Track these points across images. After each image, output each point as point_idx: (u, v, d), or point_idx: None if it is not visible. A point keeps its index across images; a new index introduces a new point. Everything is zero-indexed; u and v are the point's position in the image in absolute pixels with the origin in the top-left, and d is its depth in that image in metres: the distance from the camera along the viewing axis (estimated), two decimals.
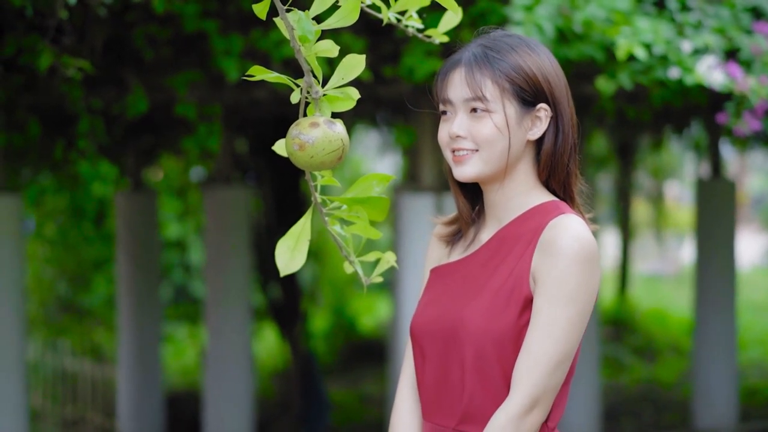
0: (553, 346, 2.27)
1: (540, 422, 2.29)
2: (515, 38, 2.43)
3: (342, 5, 2.03)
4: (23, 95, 5.57)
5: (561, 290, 2.27)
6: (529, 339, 2.28)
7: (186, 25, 5.09)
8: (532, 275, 2.32)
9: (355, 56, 2.04)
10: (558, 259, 2.28)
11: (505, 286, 2.34)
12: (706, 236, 8.89)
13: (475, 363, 2.33)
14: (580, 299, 2.28)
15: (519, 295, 2.32)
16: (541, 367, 2.26)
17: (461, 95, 2.38)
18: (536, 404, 2.27)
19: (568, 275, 2.27)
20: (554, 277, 2.27)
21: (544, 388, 2.27)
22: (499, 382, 2.33)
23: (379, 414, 9.56)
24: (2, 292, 6.11)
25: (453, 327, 2.36)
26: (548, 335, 2.26)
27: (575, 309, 2.28)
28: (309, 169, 2.04)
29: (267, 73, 2.02)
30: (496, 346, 2.31)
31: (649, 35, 4.65)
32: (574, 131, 2.43)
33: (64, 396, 10.09)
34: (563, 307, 2.27)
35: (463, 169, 2.39)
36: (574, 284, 2.27)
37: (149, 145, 8.93)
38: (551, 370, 2.27)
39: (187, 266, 12.06)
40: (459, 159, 2.39)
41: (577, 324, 2.28)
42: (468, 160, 2.38)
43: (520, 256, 2.35)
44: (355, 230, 2.21)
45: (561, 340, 2.27)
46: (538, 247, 2.32)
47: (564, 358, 2.28)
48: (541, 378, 2.26)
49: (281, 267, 2.14)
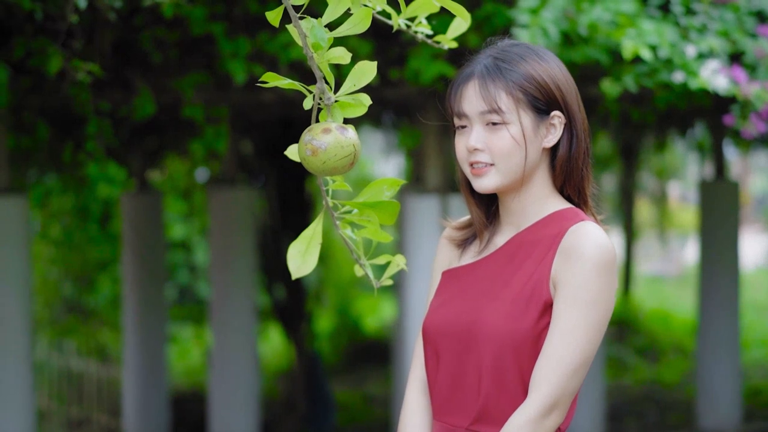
0: (574, 350, 2.31)
1: (557, 425, 2.32)
2: (523, 47, 2.46)
3: (354, 13, 2.06)
4: (31, 97, 5.60)
5: (583, 296, 2.32)
6: (549, 343, 2.32)
7: (193, 28, 5.12)
8: (552, 280, 2.36)
9: (367, 63, 2.07)
10: (580, 265, 2.32)
11: (524, 290, 2.38)
12: (709, 237, 8.91)
13: (493, 364, 2.36)
14: (600, 305, 2.33)
15: (539, 299, 2.36)
16: (561, 370, 2.30)
17: (477, 108, 2.40)
18: (555, 407, 2.31)
19: (589, 281, 2.32)
20: (576, 283, 2.32)
21: (563, 392, 2.31)
22: (516, 383, 2.36)
23: (384, 414, 9.59)
24: (9, 293, 6.13)
25: (470, 328, 2.39)
26: (569, 340, 2.31)
27: (596, 314, 2.32)
28: (321, 174, 2.07)
29: (280, 79, 2.05)
30: (514, 348, 2.35)
31: (654, 38, 4.67)
32: (586, 135, 2.47)
33: (69, 396, 10.12)
34: (585, 312, 2.31)
35: (482, 181, 2.42)
36: (596, 290, 2.32)
37: (154, 147, 8.96)
38: (571, 374, 2.31)
39: (192, 267, 12.09)
40: (478, 172, 2.42)
41: (597, 329, 2.33)
42: (487, 172, 2.41)
43: (540, 261, 2.39)
44: (366, 234, 2.24)
45: (582, 345, 2.32)
46: (558, 252, 2.36)
47: (584, 363, 2.32)
48: (561, 382, 2.30)
49: (293, 270, 2.16)
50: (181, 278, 11.97)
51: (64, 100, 5.72)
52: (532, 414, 2.30)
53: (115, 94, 5.76)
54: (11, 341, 6.14)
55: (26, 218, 6.23)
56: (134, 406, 8.74)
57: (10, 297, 6.12)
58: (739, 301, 8.87)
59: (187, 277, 12.02)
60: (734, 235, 8.91)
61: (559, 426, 2.38)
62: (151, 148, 8.86)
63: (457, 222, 2.64)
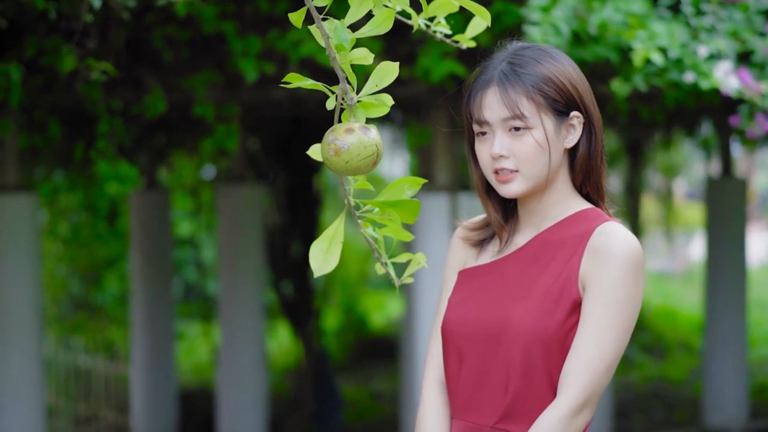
0: (605, 350, 2.33)
1: (587, 423, 2.35)
2: (535, 50, 2.47)
3: (376, 14, 2.08)
4: (43, 96, 5.62)
5: (613, 295, 2.34)
6: (580, 343, 2.34)
7: (204, 27, 5.14)
8: (581, 280, 2.38)
9: (389, 63, 2.09)
10: (610, 265, 2.35)
11: (552, 289, 2.39)
12: (716, 234, 8.93)
13: (522, 362, 2.38)
14: (630, 304, 2.35)
15: (567, 298, 2.37)
16: (592, 369, 2.32)
17: (499, 115, 2.41)
18: (585, 406, 2.33)
19: (620, 280, 2.34)
20: (607, 283, 2.34)
21: (594, 391, 2.33)
22: (543, 381, 2.38)
23: (391, 411, 9.61)
24: (20, 290, 6.16)
25: (498, 326, 2.41)
26: (600, 339, 2.33)
27: (626, 313, 2.35)
28: (344, 173, 2.09)
29: (303, 80, 2.07)
30: (543, 345, 2.36)
31: (664, 39, 4.68)
32: (601, 131, 2.49)
33: (77, 393, 10.14)
34: (615, 311, 2.34)
35: (508, 187, 2.43)
36: (626, 289, 2.35)
37: (162, 145, 8.98)
38: (602, 373, 2.33)
39: (199, 264, 12.11)
40: (503, 179, 2.43)
41: (626, 328, 2.36)
42: (513, 179, 2.42)
43: (567, 260, 2.41)
44: (388, 232, 2.26)
45: (613, 344, 2.34)
46: (586, 252, 2.39)
47: (614, 361, 2.35)
48: (591, 381, 2.32)
49: (315, 268, 2.18)
50: (188, 275, 11.99)
51: (76, 99, 5.74)
52: (563, 412, 2.32)
53: (126, 92, 5.78)
54: (21, 338, 6.17)
55: (36, 216, 6.26)
56: (142, 402, 8.76)
57: (21, 294, 6.15)
58: (745, 299, 8.88)
59: (193, 274, 12.04)
60: (741, 232, 8.92)
61: None
62: (159, 146, 8.89)
63: (471, 222, 2.64)
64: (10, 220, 6.10)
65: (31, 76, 5.15)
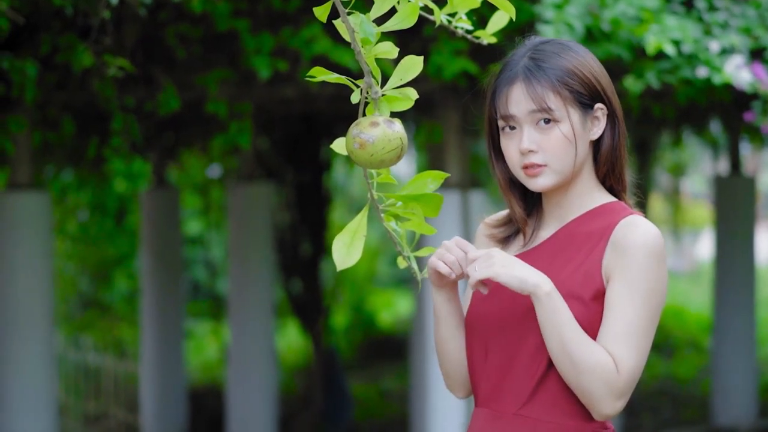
0: (638, 343, 2.36)
1: (618, 411, 2.37)
2: (555, 44, 2.49)
3: (400, 8, 2.09)
4: (56, 93, 5.63)
5: (640, 287, 2.36)
6: (612, 339, 2.35)
7: (218, 25, 5.15)
8: (605, 271, 2.39)
9: (414, 57, 2.11)
10: (635, 257, 2.36)
11: (575, 278, 2.41)
12: (725, 233, 8.93)
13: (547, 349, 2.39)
14: (657, 293, 2.37)
15: (591, 287, 2.39)
16: (631, 363, 2.34)
17: (526, 109, 2.42)
18: (624, 395, 2.36)
19: (646, 272, 2.36)
20: (632, 275, 2.36)
21: (632, 382, 2.35)
22: None
23: (400, 409, 9.62)
24: (32, 288, 6.16)
25: (523, 317, 2.41)
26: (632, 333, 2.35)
27: (654, 303, 2.37)
28: (369, 167, 2.10)
29: (328, 74, 2.08)
30: None
31: (677, 33, 4.69)
32: (623, 123, 2.51)
33: (86, 391, 10.16)
34: (643, 302, 2.36)
35: (537, 182, 2.44)
36: (652, 279, 2.37)
37: (171, 143, 9.00)
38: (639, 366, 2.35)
39: (208, 263, 12.14)
40: (532, 173, 2.44)
41: (656, 318, 2.38)
42: (541, 173, 2.43)
43: (590, 251, 2.42)
44: (410, 226, 2.27)
45: (644, 337, 2.37)
46: (610, 245, 2.40)
47: (646, 353, 2.37)
48: (631, 372, 2.35)
49: (338, 262, 2.19)
50: (197, 274, 12.01)
51: (88, 97, 5.76)
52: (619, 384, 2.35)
53: (138, 90, 5.80)
54: (34, 336, 6.17)
55: (49, 214, 6.27)
56: (152, 400, 8.78)
57: (34, 292, 6.16)
58: (754, 297, 8.88)
59: (202, 272, 12.07)
60: (750, 230, 8.92)
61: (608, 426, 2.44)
62: (168, 144, 8.90)
63: (494, 219, 2.65)
64: (23, 218, 6.10)
65: (44, 74, 5.16)
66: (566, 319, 2.34)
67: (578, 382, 2.35)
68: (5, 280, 6.11)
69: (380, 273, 14.38)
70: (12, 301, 6.11)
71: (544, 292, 2.34)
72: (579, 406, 2.40)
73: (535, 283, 2.34)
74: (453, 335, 2.55)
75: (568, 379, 2.36)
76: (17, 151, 5.96)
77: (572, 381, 2.35)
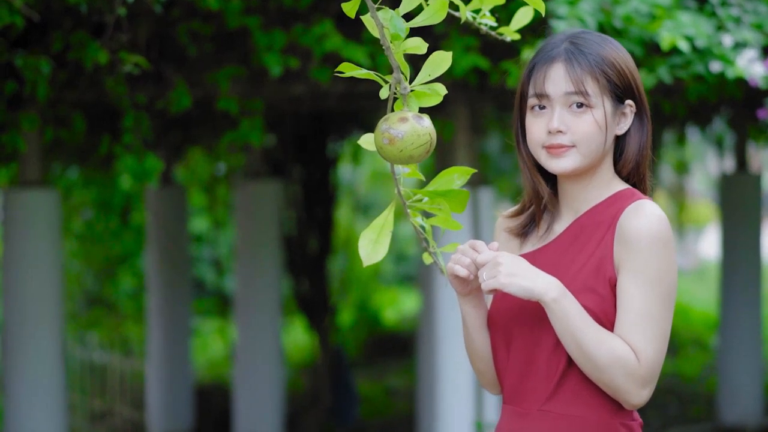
0: (655, 330, 2.35)
1: (645, 401, 2.37)
2: (596, 35, 2.50)
3: (429, 4, 2.09)
4: (67, 91, 5.63)
5: (648, 275, 2.35)
6: (630, 329, 2.35)
7: (229, 22, 5.15)
8: (615, 260, 2.40)
9: (442, 53, 2.11)
10: (639, 245, 2.36)
11: (587, 268, 2.41)
12: (731, 231, 8.92)
13: None
14: (666, 278, 2.37)
15: (604, 276, 2.39)
16: (652, 350, 2.34)
17: (562, 89, 2.42)
18: (649, 382, 2.36)
19: (652, 259, 2.36)
20: (639, 264, 2.36)
21: (656, 369, 2.35)
22: None
23: (406, 407, 9.62)
24: (41, 285, 6.16)
25: (540, 314, 2.41)
26: (647, 320, 2.34)
27: (665, 288, 2.37)
28: (398, 162, 2.10)
29: (356, 69, 2.08)
30: None
31: (690, 29, 4.69)
32: (651, 123, 2.51)
33: (92, 389, 10.16)
34: (653, 289, 2.35)
35: (560, 162, 2.44)
36: (660, 266, 2.36)
37: (179, 141, 9.00)
38: (660, 351, 2.35)
39: (215, 260, 12.14)
40: (557, 152, 2.43)
41: (669, 302, 2.37)
42: (566, 153, 2.43)
43: (600, 241, 2.43)
44: (437, 222, 2.27)
45: (661, 322, 2.36)
46: (617, 232, 2.40)
47: (666, 338, 2.37)
48: (654, 359, 2.35)
49: (364, 258, 2.19)
50: (203, 272, 12.01)
51: (98, 94, 5.75)
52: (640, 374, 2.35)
53: (149, 87, 5.80)
54: (42, 334, 6.17)
55: (59, 211, 6.26)
56: (158, 398, 8.79)
57: (44, 290, 6.15)
58: (760, 295, 8.88)
59: (208, 270, 12.06)
60: (756, 228, 8.92)
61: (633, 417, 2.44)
62: (175, 142, 8.90)
63: (509, 211, 2.65)
64: (33, 215, 6.10)
65: (56, 71, 5.16)
66: (578, 320, 2.34)
67: (600, 378, 2.35)
68: (15, 277, 6.11)
69: (385, 271, 14.37)
70: (21, 298, 6.10)
71: (551, 299, 2.34)
72: (603, 398, 2.40)
73: (542, 290, 2.34)
74: (484, 339, 2.55)
75: (591, 375, 2.36)
76: (27, 148, 5.95)
77: (594, 377, 2.36)
